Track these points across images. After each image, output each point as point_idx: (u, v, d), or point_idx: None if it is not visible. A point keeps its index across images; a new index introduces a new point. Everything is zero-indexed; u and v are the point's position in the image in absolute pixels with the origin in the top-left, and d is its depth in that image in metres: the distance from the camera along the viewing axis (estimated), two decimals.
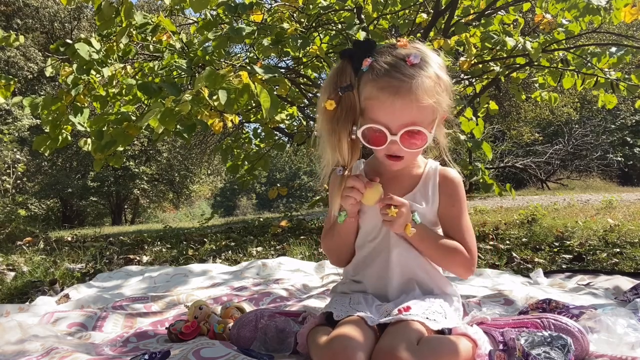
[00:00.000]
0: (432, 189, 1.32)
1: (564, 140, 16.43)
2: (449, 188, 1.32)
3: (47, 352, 1.26)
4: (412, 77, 1.15)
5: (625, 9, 3.14)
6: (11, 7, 17.00)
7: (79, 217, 19.28)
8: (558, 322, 1.22)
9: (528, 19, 7.31)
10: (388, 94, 1.15)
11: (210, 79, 2.44)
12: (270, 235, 4.19)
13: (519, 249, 3.02)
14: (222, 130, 3.35)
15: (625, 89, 3.74)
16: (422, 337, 1.09)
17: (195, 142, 13.02)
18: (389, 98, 1.15)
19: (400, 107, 1.15)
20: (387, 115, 1.17)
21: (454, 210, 1.32)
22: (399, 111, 1.16)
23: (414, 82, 1.14)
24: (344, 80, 1.20)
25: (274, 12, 3.86)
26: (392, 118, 1.17)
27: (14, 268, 2.87)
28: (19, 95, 3.52)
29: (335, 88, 1.21)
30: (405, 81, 1.15)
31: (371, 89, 1.18)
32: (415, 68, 1.16)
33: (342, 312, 1.20)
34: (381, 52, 1.21)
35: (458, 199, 1.32)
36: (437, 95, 1.18)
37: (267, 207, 29.31)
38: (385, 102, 1.16)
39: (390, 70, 1.17)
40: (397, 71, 1.16)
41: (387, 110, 1.17)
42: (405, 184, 1.32)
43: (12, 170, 11.05)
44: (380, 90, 1.16)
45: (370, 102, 1.19)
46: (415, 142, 1.19)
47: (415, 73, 1.15)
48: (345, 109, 1.20)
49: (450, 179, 1.33)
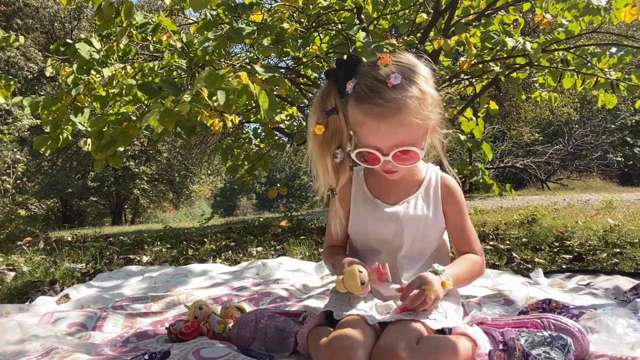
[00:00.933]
0: (434, 193, 1.35)
1: (564, 140, 16.43)
2: (452, 198, 1.35)
3: (47, 352, 1.26)
4: (394, 100, 1.14)
5: (625, 9, 3.13)
6: (11, 7, 17.00)
7: (79, 217, 19.28)
8: (558, 322, 1.22)
9: (528, 19, 7.31)
10: (373, 120, 1.16)
11: (209, 80, 2.44)
12: (270, 235, 4.19)
13: (519, 249, 3.02)
14: (222, 130, 3.35)
15: (625, 89, 3.75)
16: (422, 337, 1.09)
17: (195, 142, 13.03)
18: (375, 124, 1.17)
19: (386, 131, 1.17)
20: (376, 140, 1.20)
21: (460, 220, 1.36)
22: (386, 135, 1.18)
23: (395, 106, 1.14)
24: (330, 104, 1.23)
25: (274, 12, 3.86)
26: (382, 141, 1.19)
27: (14, 268, 2.87)
28: (19, 95, 3.52)
29: (322, 111, 1.23)
30: (387, 106, 1.14)
31: (357, 115, 1.20)
32: (397, 90, 1.15)
33: (342, 311, 1.20)
34: (363, 74, 1.20)
35: (461, 207, 1.36)
36: (423, 112, 1.17)
37: (267, 207, 29.32)
38: (372, 128, 1.18)
39: (372, 96, 1.16)
40: (379, 97, 1.15)
41: (375, 135, 1.19)
42: (407, 188, 1.35)
43: (12, 170, 11.05)
44: (365, 116, 1.18)
45: (358, 128, 1.22)
46: (407, 159, 1.22)
47: (397, 96, 1.15)
48: (331, 132, 1.23)
49: (452, 189, 1.36)
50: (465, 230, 1.36)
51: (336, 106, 1.22)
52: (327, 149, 1.23)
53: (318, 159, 1.25)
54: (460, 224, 1.36)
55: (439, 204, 1.34)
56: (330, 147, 1.23)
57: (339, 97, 1.23)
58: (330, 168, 1.25)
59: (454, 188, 1.37)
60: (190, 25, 4.57)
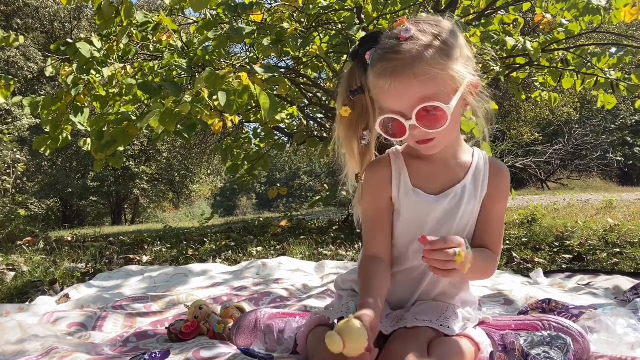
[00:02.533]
0: (482, 180, 1.18)
1: (564, 140, 16.43)
2: (501, 183, 1.20)
3: (47, 352, 1.26)
4: (406, 52, 1.02)
5: (625, 9, 3.14)
6: (11, 7, 17.00)
7: (79, 217, 19.27)
8: (559, 324, 1.21)
9: (528, 19, 7.30)
10: (386, 79, 1.04)
11: (210, 80, 2.44)
12: (270, 235, 4.19)
13: (519, 249, 3.02)
14: (222, 130, 3.35)
15: (625, 89, 3.75)
16: (431, 342, 1.07)
17: (195, 142, 13.01)
18: (387, 82, 1.04)
19: (402, 87, 1.03)
20: (395, 101, 1.05)
21: (499, 209, 1.20)
22: (402, 91, 1.03)
23: (408, 57, 1.02)
24: (355, 83, 1.15)
25: (274, 12, 3.86)
26: (400, 101, 1.04)
27: (14, 268, 2.87)
28: (19, 95, 3.52)
29: (347, 92, 1.16)
30: (398, 59, 1.03)
31: (372, 80, 1.09)
32: (409, 42, 1.04)
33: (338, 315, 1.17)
34: (381, 41, 1.10)
35: (505, 196, 1.22)
36: (443, 62, 1.03)
37: (267, 207, 29.30)
38: (386, 88, 1.05)
39: (383, 54, 1.06)
40: (390, 52, 1.05)
41: (391, 95, 1.05)
42: (452, 172, 1.18)
43: (12, 170, 11.05)
44: (378, 77, 1.06)
45: (376, 94, 1.10)
46: (434, 120, 1.03)
47: (408, 47, 1.03)
48: (358, 113, 1.15)
49: (503, 174, 1.21)
50: (498, 224, 1.19)
51: (362, 85, 1.13)
52: (354, 131, 1.16)
53: (345, 143, 1.17)
54: (496, 214, 1.19)
55: (485, 189, 1.19)
56: (357, 129, 1.15)
57: (363, 75, 1.13)
58: (357, 151, 1.16)
59: (504, 173, 1.21)
60: (190, 25, 4.58)
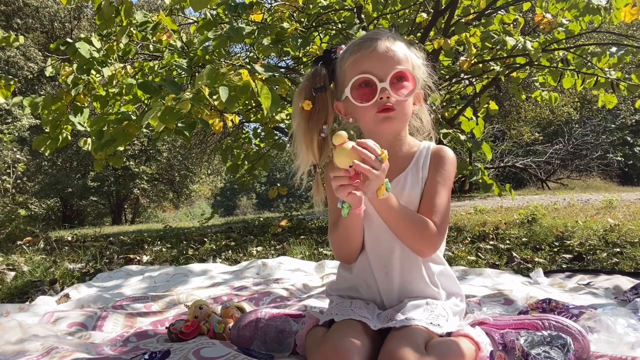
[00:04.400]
0: (423, 167, 1.27)
1: (564, 140, 16.44)
2: (437, 163, 1.27)
3: (47, 351, 1.26)
4: (386, 35, 1.24)
5: (625, 8, 3.14)
6: (11, 7, 17.00)
7: (79, 216, 19.29)
8: (559, 324, 1.21)
9: (528, 19, 7.31)
10: (368, 46, 1.21)
11: (211, 77, 2.44)
12: (270, 235, 4.19)
13: (519, 249, 3.02)
14: (222, 130, 3.35)
15: (626, 89, 3.75)
16: (429, 342, 1.07)
17: (195, 142, 13.03)
18: (369, 49, 1.21)
19: (383, 53, 1.20)
20: (373, 64, 1.20)
21: (437, 186, 1.24)
22: (382, 57, 1.20)
23: (389, 37, 1.24)
24: (319, 82, 1.27)
25: (274, 12, 3.86)
26: (379, 65, 1.20)
27: (14, 268, 2.87)
28: (19, 95, 3.52)
29: (310, 89, 1.27)
30: (380, 37, 1.23)
31: (351, 53, 1.24)
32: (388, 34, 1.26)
33: (344, 317, 1.16)
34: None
35: (443, 174, 1.25)
36: (412, 57, 1.25)
37: (267, 206, 29.30)
38: (367, 53, 1.21)
39: (364, 36, 1.27)
40: (370, 34, 1.26)
41: (372, 59, 1.21)
42: (397, 164, 1.26)
43: (12, 170, 11.05)
44: (359, 47, 1.22)
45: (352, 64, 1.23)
46: (404, 86, 1.21)
47: (387, 34, 1.25)
48: (318, 110, 1.26)
49: (442, 155, 1.28)
50: (434, 198, 1.23)
51: (324, 85, 1.27)
52: (315, 124, 1.26)
53: (304, 135, 1.26)
54: (432, 188, 1.24)
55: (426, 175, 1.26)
56: (317, 122, 1.26)
57: (327, 78, 1.28)
58: (316, 144, 1.26)
59: (445, 155, 1.27)
60: (190, 25, 4.57)
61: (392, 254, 1.25)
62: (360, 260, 1.29)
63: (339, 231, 1.25)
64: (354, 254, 1.29)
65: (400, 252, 1.24)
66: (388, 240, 1.25)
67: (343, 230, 1.24)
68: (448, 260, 2.77)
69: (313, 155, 1.27)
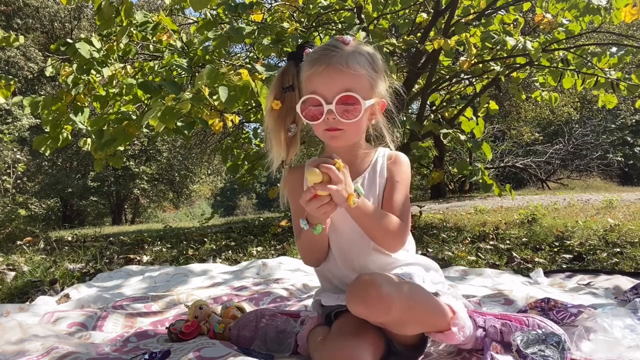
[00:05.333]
0: (380, 171, 1.31)
1: (564, 140, 16.43)
2: (396, 169, 1.32)
3: (47, 351, 1.27)
4: (343, 49, 1.22)
5: (625, 9, 3.14)
6: (11, 7, 17.00)
7: (79, 216, 19.28)
8: (543, 324, 1.23)
9: (528, 19, 7.30)
10: (320, 63, 1.20)
11: (210, 76, 2.44)
12: (270, 235, 4.19)
13: (519, 249, 3.02)
14: (222, 130, 3.35)
15: (626, 89, 3.75)
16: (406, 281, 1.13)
17: (195, 142, 13.02)
18: (321, 66, 1.20)
19: (333, 73, 1.19)
20: (321, 84, 1.20)
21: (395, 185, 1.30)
22: (332, 77, 1.20)
23: (345, 51, 1.21)
24: (287, 81, 1.28)
25: (274, 12, 3.86)
26: (327, 86, 1.20)
27: (14, 268, 2.87)
28: (19, 95, 3.52)
29: (280, 88, 1.29)
30: (337, 51, 1.21)
31: (307, 67, 1.24)
32: (347, 46, 1.23)
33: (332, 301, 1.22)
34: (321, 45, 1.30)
35: (400, 175, 1.31)
36: (370, 71, 1.22)
37: (267, 206, 29.27)
38: (319, 71, 1.20)
39: (323, 48, 1.24)
40: (330, 46, 1.23)
41: (321, 78, 1.20)
42: (354, 170, 1.29)
43: (12, 170, 11.05)
44: (314, 63, 1.21)
45: (307, 79, 1.24)
46: (350, 111, 1.20)
47: (347, 47, 1.23)
48: (286, 109, 1.28)
49: (396, 159, 1.33)
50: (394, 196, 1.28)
51: (293, 84, 1.28)
52: (282, 123, 1.28)
53: (273, 133, 1.29)
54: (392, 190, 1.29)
55: (383, 180, 1.31)
56: (285, 121, 1.28)
57: (296, 76, 1.29)
58: (283, 141, 1.29)
59: (399, 160, 1.33)
60: (190, 25, 4.57)
61: (360, 256, 1.28)
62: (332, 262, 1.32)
63: (302, 241, 1.29)
64: (320, 260, 1.34)
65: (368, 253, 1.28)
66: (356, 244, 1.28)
67: (308, 242, 1.28)
68: (448, 260, 2.77)
69: (282, 152, 1.30)
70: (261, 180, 32.74)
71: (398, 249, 1.28)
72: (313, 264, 1.36)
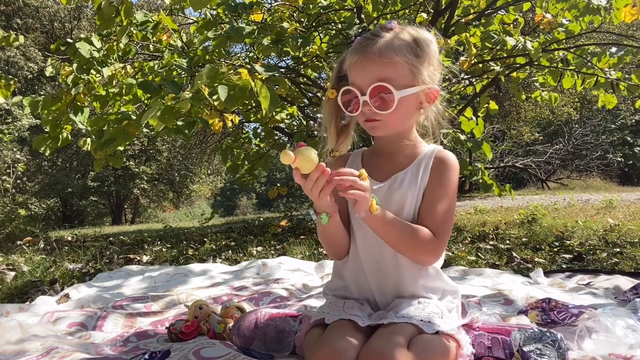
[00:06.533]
0: (423, 170, 1.24)
1: (564, 140, 16.43)
2: (440, 169, 1.24)
3: (47, 351, 1.26)
4: (381, 37, 1.18)
5: (625, 9, 3.14)
6: (11, 7, 17.00)
7: (79, 216, 19.28)
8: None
9: (528, 19, 7.31)
10: (356, 53, 1.18)
11: (210, 76, 2.44)
12: (270, 235, 4.19)
13: (519, 249, 3.02)
14: (222, 130, 3.35)
15: (626, 89, 3.75)
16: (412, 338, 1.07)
17: (195, 142, 13.02)
18: (356, 56, 1.18)
19: (366, 63, 1.17)
20: (357, 75, 1.19)
21: (437, 192, 1.22)
22: (365, 68, 1.17)
23: (381, 40, 1.17)
24: (342, 70, 1.26)
25: (274, 12, 3.86)
26: (361, 77, 1.18)
27: (14, 268, 2.87)
28: (19, 95, 3.51)
29: (337, 77, 1.27)
30: (373, 39, 1.18)
31: (348, 57, 1.22)
32: (389, 32, 1.19)
33: (335, 317, 1.17)
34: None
35: (445, 181, 1.23)
36: (411, 57, 1.17)
37: (267, 206, 29.27)
38: (354, 62, 1.19)
39: (364, 37, 1.21)
40: (370, 34, 1.20)
41: (357, 69, 1.19)
42: (398, 163, 1.27)
43: (12, 170, 11.05)
44: (351, 53, 1.20)
45: (348, 70, 1.22)
46: (383, 102, 1.16)
47: (386, 33, 1.18)
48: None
49: (444, 161, 1.25)
50: (436, 206, 1.21)
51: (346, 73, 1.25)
52: (336, 112, 1.27)
53: (327, 121, 1.29)
54: (434, 197, 1.21)
55: (425, 178, 1.24)
56: (339, 110, 1.26)
57: None
58: (334, 130, 1.28)
59: (448, 162, 1.25)
60: (190, 25, 4.57)
61: (384, 253, 1.23)
62: (353, 260, 1.29)
63: (319, 232, 1.28)
64: (342, 252, 1.30)
65: (393, 251, 1.23)
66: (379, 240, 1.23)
67: (321, 232, 1.27)
68: (448, 260, 2.77)
69: (332, 141, 1.29)
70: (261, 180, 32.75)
71: (430, 264, 1.23)
72: (334, 257, 1.33)
